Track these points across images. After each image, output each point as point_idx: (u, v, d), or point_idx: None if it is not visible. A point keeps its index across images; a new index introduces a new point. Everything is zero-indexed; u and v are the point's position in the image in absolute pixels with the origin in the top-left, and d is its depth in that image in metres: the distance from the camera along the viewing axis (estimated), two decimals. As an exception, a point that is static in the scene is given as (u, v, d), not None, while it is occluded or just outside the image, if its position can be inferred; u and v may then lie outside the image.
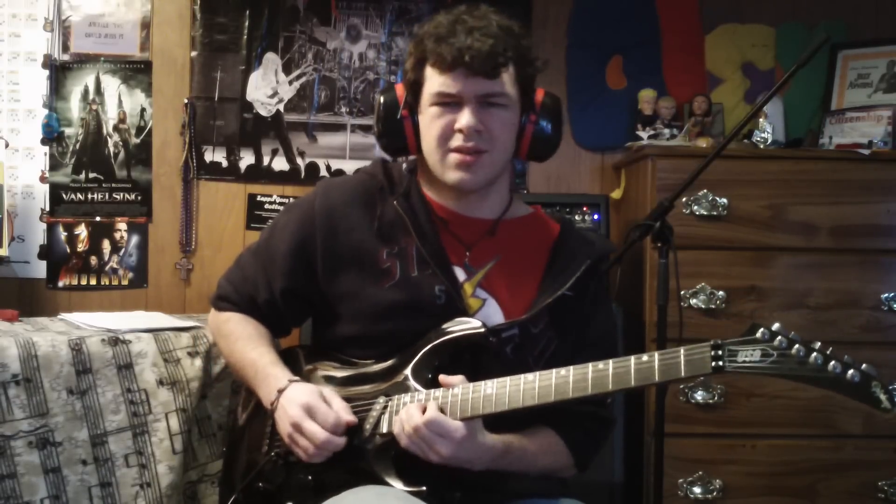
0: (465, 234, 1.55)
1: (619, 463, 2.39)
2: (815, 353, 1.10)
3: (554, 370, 1.30)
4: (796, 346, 1.11)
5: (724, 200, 2.41)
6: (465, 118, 1.45)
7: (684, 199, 2.37)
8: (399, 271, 1.50)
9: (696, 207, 2.40)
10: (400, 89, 1.56)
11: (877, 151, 2.46)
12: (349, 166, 2.83)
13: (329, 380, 1.52)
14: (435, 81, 1.47)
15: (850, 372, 1.09)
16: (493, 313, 1.51)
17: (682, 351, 1.19)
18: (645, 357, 1.22)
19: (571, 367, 1.29)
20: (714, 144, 2.55)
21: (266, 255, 1.62)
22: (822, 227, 2.42)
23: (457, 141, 1.47)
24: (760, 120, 2.56)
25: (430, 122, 1.49)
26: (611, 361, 1.25)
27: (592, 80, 2.91)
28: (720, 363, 1.15)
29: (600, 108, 2.89)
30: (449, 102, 1.47)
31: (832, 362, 1.10)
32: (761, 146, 2.55)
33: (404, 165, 1.64)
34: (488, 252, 1.55)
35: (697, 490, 2.39)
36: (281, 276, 1.58)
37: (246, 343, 1.60)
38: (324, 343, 1.61)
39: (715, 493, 2.39)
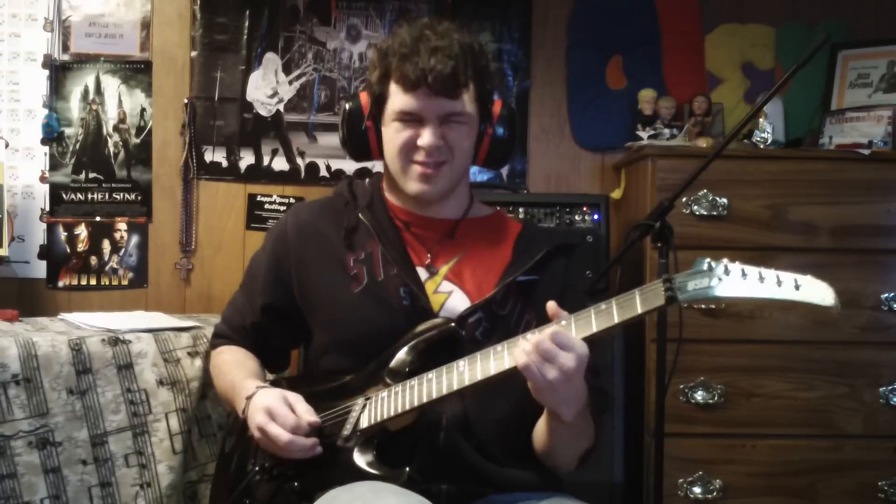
0: (427, 235, 1.62)
1: (619, 463, 2.38)
2: (758, 271, 1.18)
3: (520, 335, 1.32)
4: (740, 269, 1.19)
5: (724, 200, 2.41)
6: (426, 137, 1.52)
7: (684, 199, 2.36)
8: (366, 275, 1.58)
9: (696, 207, 2.40)
10: (364, 98, 1.62)
11: (877, 151, 2.46)
12: (349, 166, 2.82)
13: (312, 395, 1.53)
14: (398, 99, 1.53)
15: (793, 279, 1.16)
16: (460, 302, 1.56)
17: (636, 291, 1.26)
18: (603, 305, 1.29)
19: (535, 328, 1.31)
20: (714, 144, 2.55)
21: (249, 282, 1.73)
22: (822, 227, 2.42)
23: (419, 156, 1.54)
24: (760, 120, 2.56)
25: (393, 136, 1.56)
26: (572, 315, 1.30)
27: (592, 80, 2.90)
28: (672, 294, 1.22)
29: (600, 108, 2.89)
30: (411, 119, 1.53)
31: (773, 275, 1.17)
32: (761, 146, 2.55)
33: (367, 181, 1.71)
34: (451, 250, 1.62)
35: (697, 490, 2.39)
36: (260, 293, 1.67)
37: (231, 368, 1.67)
38: (308, 363, 1.68)
39: (715, 493, 2.39)
